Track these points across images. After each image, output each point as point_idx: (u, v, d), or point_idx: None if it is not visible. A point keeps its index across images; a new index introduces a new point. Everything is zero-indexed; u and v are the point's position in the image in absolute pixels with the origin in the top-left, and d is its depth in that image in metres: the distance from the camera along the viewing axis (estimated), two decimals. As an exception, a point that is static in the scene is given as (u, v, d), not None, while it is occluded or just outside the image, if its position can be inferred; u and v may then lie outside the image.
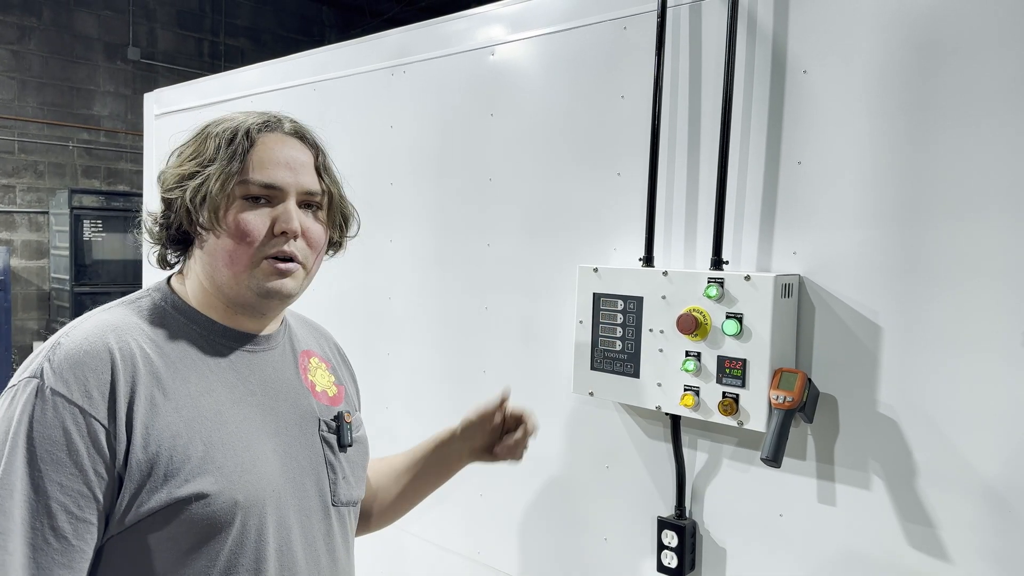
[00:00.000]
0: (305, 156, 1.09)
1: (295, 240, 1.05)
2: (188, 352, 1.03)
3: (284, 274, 1.05)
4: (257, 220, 1.03)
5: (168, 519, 0.94)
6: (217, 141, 1.05)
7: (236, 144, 1.04)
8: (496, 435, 1.38)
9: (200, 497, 0.95)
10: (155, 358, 0.99)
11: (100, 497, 0.91)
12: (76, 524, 0.90)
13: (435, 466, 1.40)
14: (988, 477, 1.17)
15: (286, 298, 1.08)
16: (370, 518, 1.40)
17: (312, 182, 1.09)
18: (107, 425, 0.91)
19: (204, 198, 1.02)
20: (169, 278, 1.12)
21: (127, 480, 0.92)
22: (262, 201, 1.04)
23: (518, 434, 1.36)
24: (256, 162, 1.04)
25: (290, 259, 1.05)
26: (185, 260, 1.10)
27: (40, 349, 0.97)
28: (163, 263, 1.11)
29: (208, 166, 1.03)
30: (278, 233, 1.04)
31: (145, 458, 0.93)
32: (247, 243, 1.03)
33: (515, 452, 1.37)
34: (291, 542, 1.04)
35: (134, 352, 0.97)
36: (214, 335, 1.06)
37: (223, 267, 1.04)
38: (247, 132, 1.05)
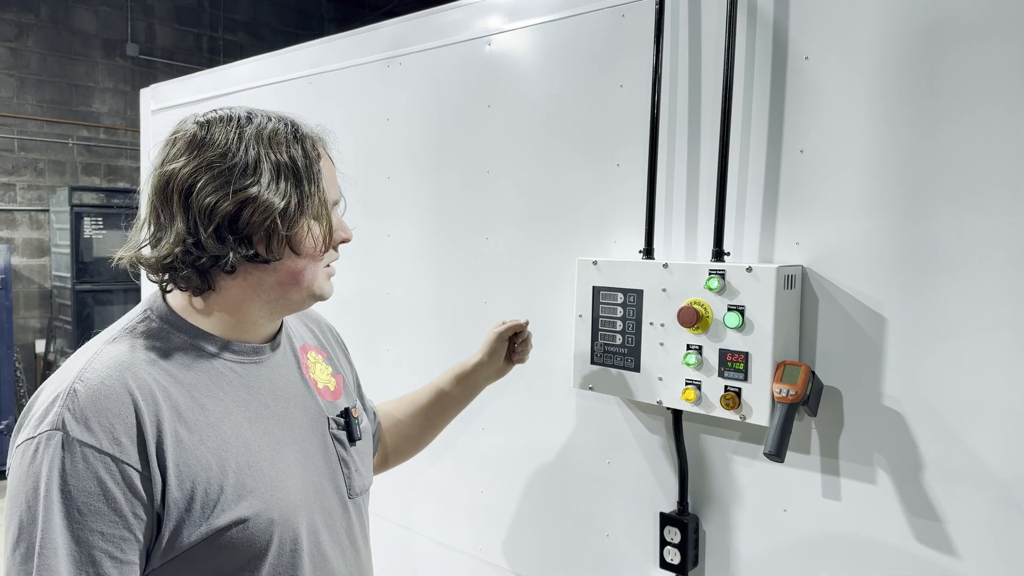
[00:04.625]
0: None
1: None
2: (200, 376, 1.00)
3: (331, 275, 1.11)
4: (325, 235, 1.06)
5: (209, 547, 0.94)
6: (293, 160, 1.00)
7: (313, 163, 1.03)
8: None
9: (239, 523, 0.95)
10: (172, 390, 0.96)
11: (141, 538, 0.90)
12: (121, 567, 0.89)
13: (462, 397, 1.51)
14: (996, 470, 1.15)
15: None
16: (401, 453, 1.49)
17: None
18: (141, 469, 0.90)
19: (287, 230, 0.99)
20: (163, 294, 1.05)
21: (165, 519, 0.91)
22: None
23: (524, 335, 1.52)
24: (325, 179, 1.06)
25: None
26: (206, 290, 1.01)
27: (50, 395, 0.92)
28: (167, 288, 1.04)
29: (288, 195, 0.98)
30: (338, 243, 1.09)
31: (181, 495, 0.92)
32: (317, 259, 1.05)
33: (524, 355, 1.54)
34: (321, 543, 1.07)
35: (152, 389, 0.94)
36: (223, 353, 1.04)
37: (291, 286, 1.04)
38: (313, 145, 1.05)
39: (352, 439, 1.17)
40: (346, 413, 1.18)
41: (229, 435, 0.98)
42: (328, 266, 1.10)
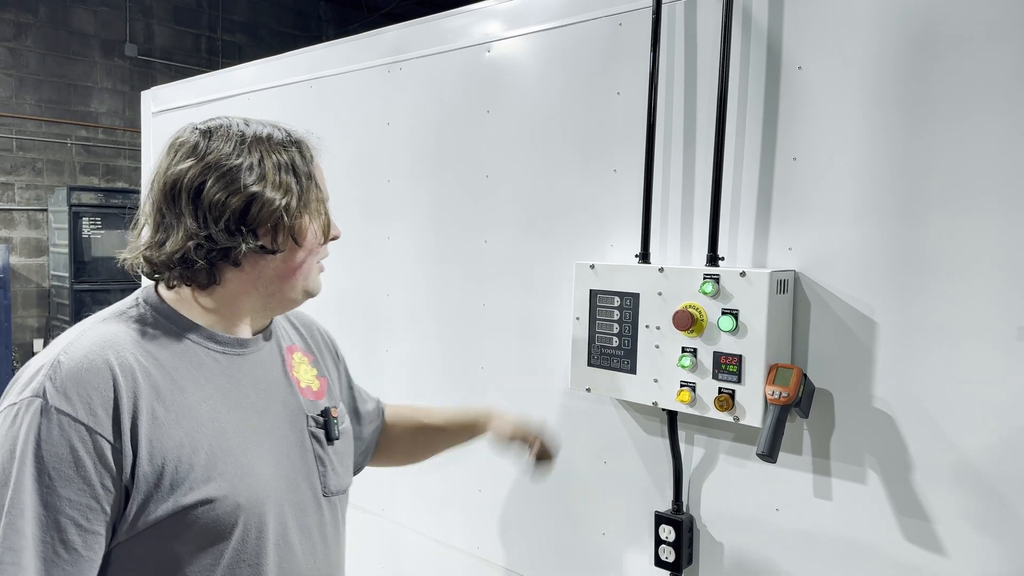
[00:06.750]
0: None
1: None
2: (182, 362, 1.03)
3: (321, 272, 1.17)
4: (324, 228, 1.13)
5: (175, 524, 0.96)
6: (291, 160, 1.08)
7: (308, 163, 1.10)
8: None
9: (205, 503, 0.98)
10: (153, 370, 0.99)
11: (107, 509, 0.93)
12: (85, 536, 0.92)
13: (457, 441, 1.51)
14: (983, 471, 1.18)
15: None
16: (386, 457, 1.50)
17: None
18: (113, 441, 0.93)
19: (291, 221, 1.06)
20: (155, 286, 1.10)
21: (134, 492, 0.94)
22: None
23: (536, 447, 1.44)
24: (319, 178, 1.13)
25: None
26: (211, 284, 1.06)
27: (36, 366, 0.96)
28: (170, 284, 1.08)
29: (289, 190, 1.06)
30: (329, 240, 1.15)
31: (151, 470, 0.95)
32: (313, 253, 1.12)
33: (545, 469, 1.48)
34: (288, 535, 1.08)
35: (133, 367, 0.97)
36: (208, 342, 1.08)
37: (288, 279, 1.10)
38: (308, 147, 1.12)
39: (330, 438, 1.20)
40: (325, 412, 1.21)
41: (205, 418, 1.01)
42: (319, 262, 1.16)
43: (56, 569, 0.90)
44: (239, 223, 1.02)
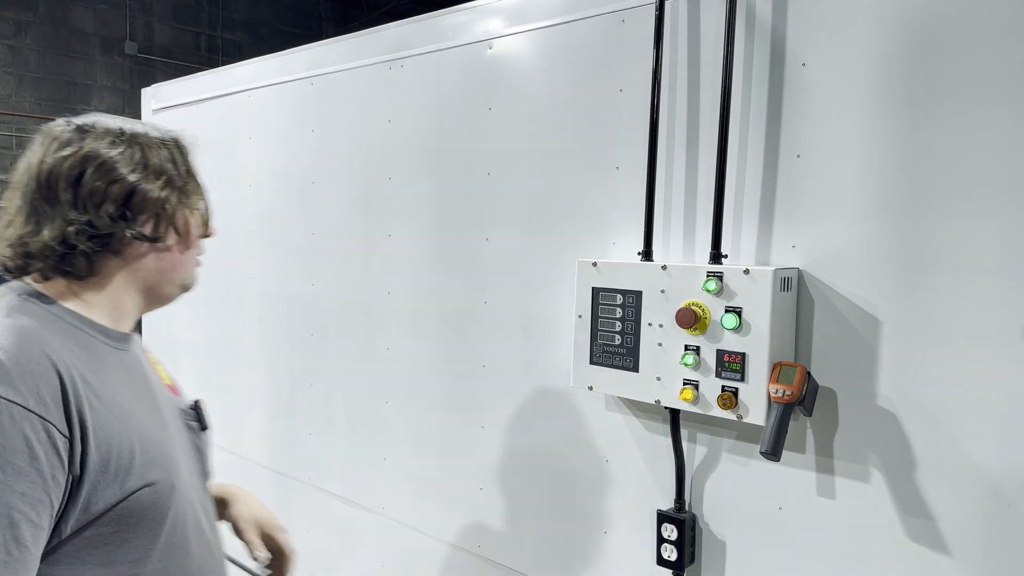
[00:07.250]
0: None
1: None
2: (89, 354, 1.02)
3: (198, 266, 1.20)
4: (204, 221, 1.17)
5: (119, 510, 0.96)
6: (171, 154, 1.11)
7: (186, 158, 1.14)
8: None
9: (148, 485, 0.99)
10: (76, 361, 0.98)
11: (55, 503, 0.90)
12: (35, 531, 0.89)
13: None
14: (987, 469, 1.17)
15: None
16: None
17: None
18: (66, 433, 0.91)
19: (172, 212, 1.09)
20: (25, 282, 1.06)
21: (84, 481, 0.92)
22: None
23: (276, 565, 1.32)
24: (196, 175, 1.16)
25: None
26: (89, 275, 1.05)
27: None
28: (47, 276, 1.05)
29: (170, 183, 1.08)
30: (207, 235, 1.19)
31: (99, 458, 0.94)
32: (195, 247, 1.15)
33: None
34: (199, 518, 1.12)
35: (64, 357, 0.96)
36: (100, 336, 1.06)
37: (168, 272, 1.12)
38: (184, 143, 1.15)
39: (203, 427, 1.23)
40: (196, 404, 1.24)
41: (126, 407, 1.02)
42: (197, 257, 1.19)
43: (7, 570, 0.86)
44: (121, 210, 1.03)
